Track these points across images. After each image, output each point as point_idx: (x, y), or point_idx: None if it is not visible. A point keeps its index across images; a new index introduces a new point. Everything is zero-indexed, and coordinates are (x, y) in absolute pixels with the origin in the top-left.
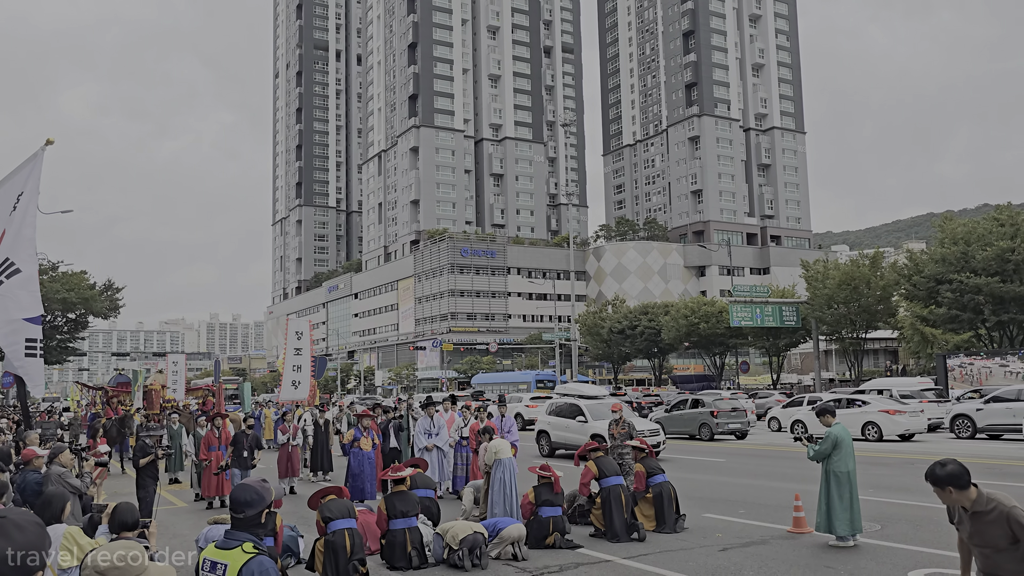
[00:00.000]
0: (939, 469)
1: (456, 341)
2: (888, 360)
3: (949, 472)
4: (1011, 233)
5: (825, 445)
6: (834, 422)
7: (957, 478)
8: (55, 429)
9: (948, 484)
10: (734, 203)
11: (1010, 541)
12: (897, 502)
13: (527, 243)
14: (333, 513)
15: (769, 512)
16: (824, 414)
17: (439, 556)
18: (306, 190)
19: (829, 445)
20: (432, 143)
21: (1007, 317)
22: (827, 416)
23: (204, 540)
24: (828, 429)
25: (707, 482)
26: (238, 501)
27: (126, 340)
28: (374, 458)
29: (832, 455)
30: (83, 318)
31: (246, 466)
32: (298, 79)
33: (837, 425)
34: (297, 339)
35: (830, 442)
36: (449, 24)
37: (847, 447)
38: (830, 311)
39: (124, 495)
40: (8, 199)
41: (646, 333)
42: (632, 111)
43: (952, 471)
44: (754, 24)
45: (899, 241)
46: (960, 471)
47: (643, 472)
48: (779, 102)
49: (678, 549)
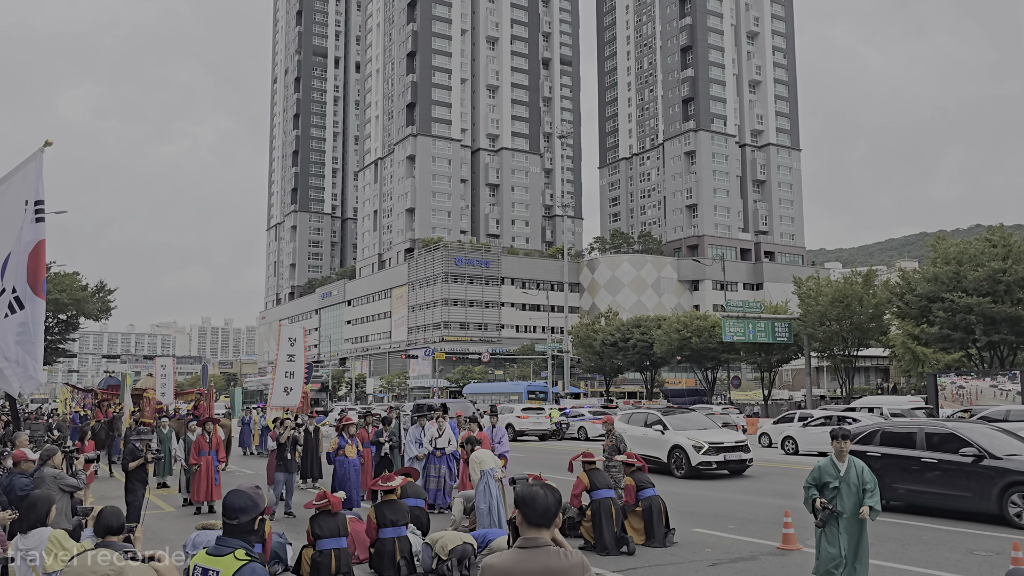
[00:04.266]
0: None
1: (448, 350)
2: (879, 378)
3: None
4: (1003, 254)
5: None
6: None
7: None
8: (44, 431)
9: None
10: (729, 218)
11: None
12: (886, 521)
13: (521, 254)
14: (323, 531)
15: (759, 528)
16: (837, 439)
17: (428, 566)
18: (301, 196)
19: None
20: (429, 152)
21: (998, 338)
22: (841, 442)
23: (192, 546)
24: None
25: (697, 497)
26: (232, 507)
27: (117, 342)
28: (359, 466)
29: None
30: (74, 319)
31: (293, 469)
32: (296, 85)
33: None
34: (290, 345)
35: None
36: (448, 34)
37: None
38: (822, 328)
39: (112, 499)
40: (11, 205)
41: (638, 346)
42: (629, 124)
43: None
44: (751, 41)
45: (891, 259)
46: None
47: (633, 486)
48: (775, 119)
49: (667, 563)
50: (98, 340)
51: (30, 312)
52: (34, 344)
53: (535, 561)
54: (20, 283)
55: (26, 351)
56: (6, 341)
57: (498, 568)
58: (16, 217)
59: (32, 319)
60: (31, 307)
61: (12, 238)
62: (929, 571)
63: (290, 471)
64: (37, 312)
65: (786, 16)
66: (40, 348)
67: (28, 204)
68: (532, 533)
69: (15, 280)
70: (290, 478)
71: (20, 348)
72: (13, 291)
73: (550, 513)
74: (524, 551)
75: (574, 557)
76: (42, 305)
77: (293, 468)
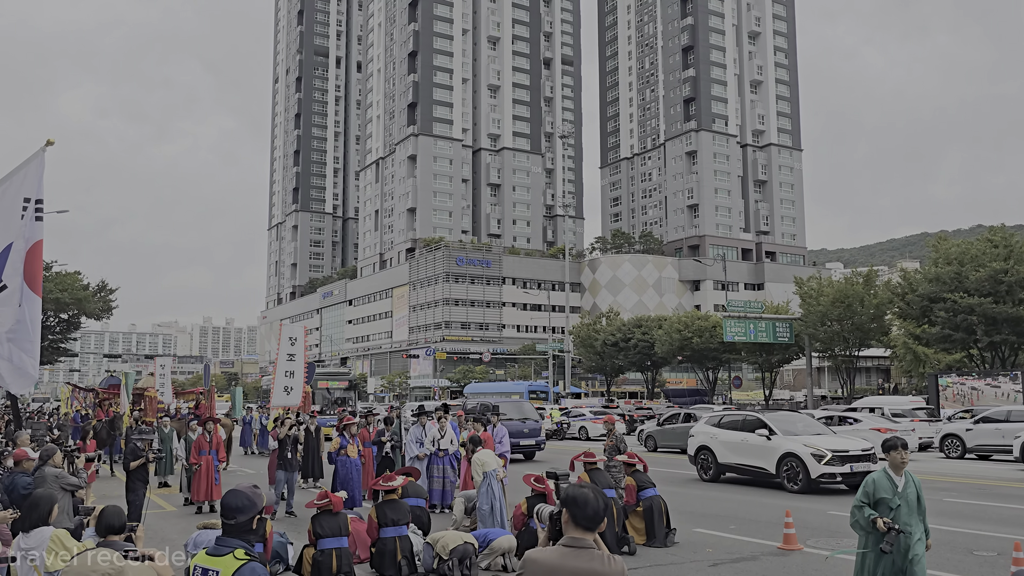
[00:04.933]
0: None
1: (450, 350)
2: (880, 378)
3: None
4: (1005, 254)
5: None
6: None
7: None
8: (45, 430)
9: None
10: (730, 218)
11: None
12: None
13: (523, 254)
14: (324, 531)
15: (760, 528)
16: (896, 449)
17: (428, 566)
18: (303, 196)
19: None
20: (430, 152)
21: (999, 338)
22: (900, 452)
23: (193, 545)
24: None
25: (698, 496)
26: (229, 507)
27: (118, 342)
28: (361, 466)
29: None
30: (75, 319)
31: (294, 467)
32: (298, 85)
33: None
34: (291, 345)
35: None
36: (450, 33)
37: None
38: (823, 328)
39: (113, 498)
40: (11, 203)
41: (639, 346)
42: (630, 124)
43: None
44: (753, 41)
45: (893, 260)
46: None
47: (634, 486)
48: (776, 119)
49: (668, 564)
50: (99, 339)
51: (27, 310)
52: (32, 342)
53: (581, 561)
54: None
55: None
56: (1, 342)
57: (543, 563)
58: (15, 214)
59: (30, 317)
60: (28, 305)
61: (11, 234)
62: (930, 571)
63: (291, 470)
64: (34, 310)
65: (787, 16)
66: (37, 346)
67: (29, 202)
68: (578, 534)
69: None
70: (291, 477)
71: (13, 345)
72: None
73: (598, 516)
74: (570, 550)
75: (617, 564)
76: (39, 303)
77: (294, 467)
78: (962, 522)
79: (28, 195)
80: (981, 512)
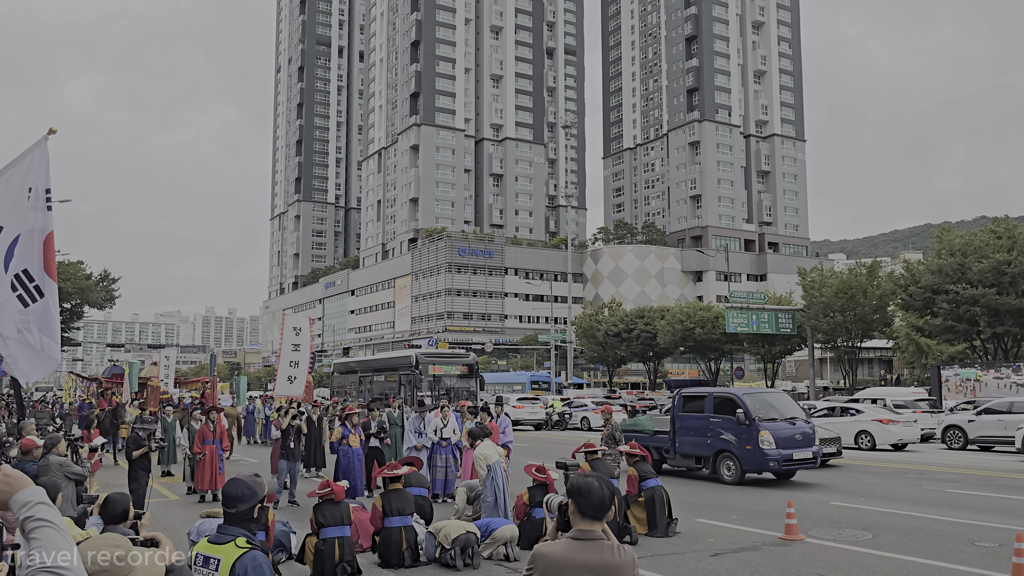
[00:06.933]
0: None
1: (452, 340)
2: (883, 369)
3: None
4: (1008, 246)
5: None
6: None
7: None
8: (49, 419)
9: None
10: (733, 209)
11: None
12: (888, 511)
13: (525, 244)
14: (326, 520)
15: (762, 518)
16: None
17: (431, 555)
18: (305, 186)
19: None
20: (432, 142)
21: (1002, 329)
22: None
23: (196, 534)
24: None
25: (700, 487)
26: (230, 496)
27: (121, 331)
28: (363, 455)
29: None
30: (78, 308)
31: (296, 457)
32: (300, 74)
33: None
34: (295, 335)
35: None
36: (452, 23)
37: None
38: (826, 319)
39: (116, 486)
40: (17, 192)
41: (642, 337)
42: (633, 115)
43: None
44: (757, 31)
45: (896, 251)
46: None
47: (636, 476)
48: (780, 109)
49: (670, 553)
50: (102, 329)
51: (49, 298)
52: (52, 328)
53: (591, 553)
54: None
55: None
56: (29, 330)
57: (552, 558)
58: (21, 203)
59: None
60: (49, 292)
61: (18, 224)
62: (932, 562)
63: (294, 460)
64: (52, 295)
65: (791, 6)
66: (57, 329)
67: (33, 191)
68: (586, 525)
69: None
70: (294, 467)
71: (42, 335)
72: (30, 279)
73: (605, 506)
74: (579, 543)
75: (627, 554)
76: (55, 288)
77: (297, 457)
78: (964, 513)
79: (34, 184)
80: (983, 503)
